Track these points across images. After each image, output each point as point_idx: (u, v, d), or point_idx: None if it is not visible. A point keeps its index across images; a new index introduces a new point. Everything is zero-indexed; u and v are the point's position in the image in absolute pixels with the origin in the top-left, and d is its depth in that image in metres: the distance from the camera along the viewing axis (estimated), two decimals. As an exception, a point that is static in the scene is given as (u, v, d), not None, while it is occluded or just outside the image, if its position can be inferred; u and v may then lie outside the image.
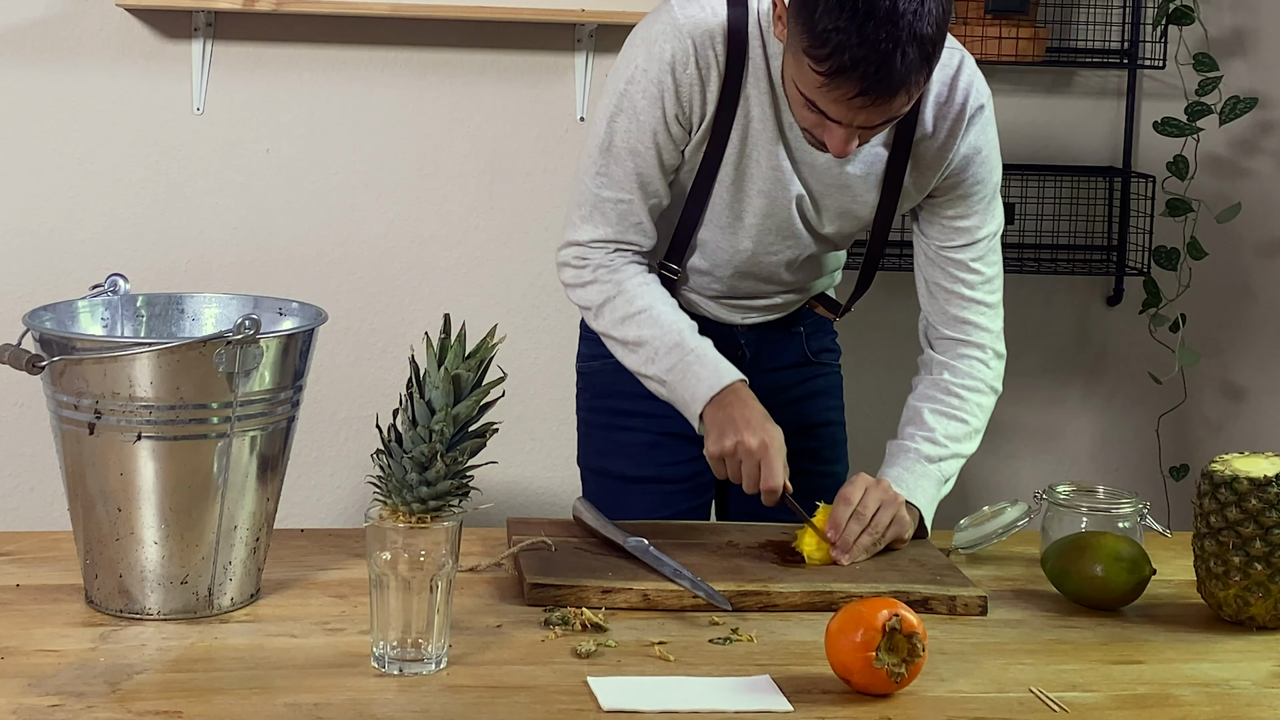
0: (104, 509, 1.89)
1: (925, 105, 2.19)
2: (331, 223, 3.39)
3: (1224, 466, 2.00)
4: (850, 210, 2.26)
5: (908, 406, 2.30)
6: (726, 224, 2.27)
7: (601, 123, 2.21)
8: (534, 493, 3.47)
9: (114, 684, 1.71)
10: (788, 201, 2.24)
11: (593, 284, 2.25)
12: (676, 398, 2.21)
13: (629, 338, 2.23)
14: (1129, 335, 3.65)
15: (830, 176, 2.22)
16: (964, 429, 2.27)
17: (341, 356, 3.39)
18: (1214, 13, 3.55)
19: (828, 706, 1.72)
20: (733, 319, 2.40)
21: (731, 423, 2.14)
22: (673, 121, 2.18)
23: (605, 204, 2.23)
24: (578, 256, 2.26)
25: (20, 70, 3.27)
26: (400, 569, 1.75)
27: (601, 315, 2.25)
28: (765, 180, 2.22)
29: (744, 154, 2.21)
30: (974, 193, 2.26)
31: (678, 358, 2.20)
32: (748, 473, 2.13)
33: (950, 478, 2.26)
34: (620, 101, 2.19)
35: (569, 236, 2.27)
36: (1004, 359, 2.33)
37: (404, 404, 1.78)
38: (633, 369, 2.26)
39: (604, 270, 2.25)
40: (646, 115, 2.18)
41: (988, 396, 2.30)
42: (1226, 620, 2.00)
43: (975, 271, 2.29)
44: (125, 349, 1.85)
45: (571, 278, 2.28)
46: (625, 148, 2.20)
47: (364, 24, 3.34)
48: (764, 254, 2.29)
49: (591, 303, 2.26)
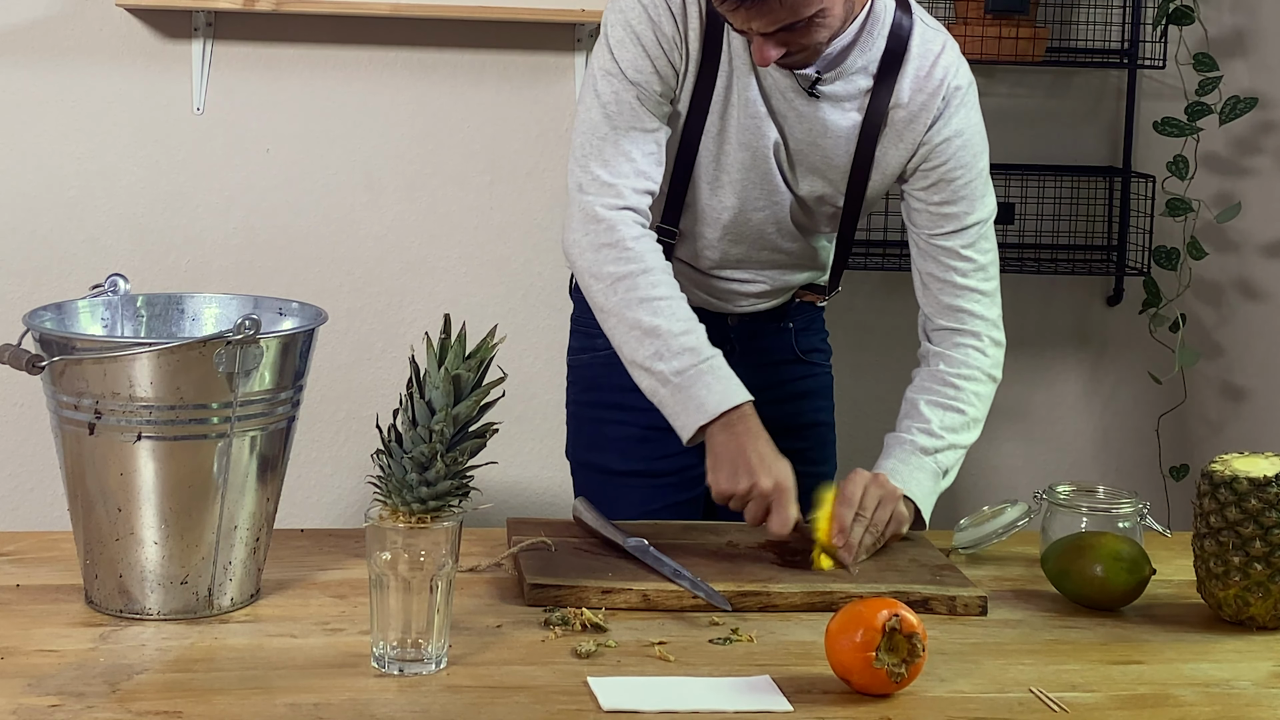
0: (104, 509, 1.89)
1: (904, 77, 2.23)
2: (331, 223, 3.40)
3: (1224, 466, 2.00)
4: (821, 170, 2.27)
5: (905, 399, 2.30)
6: (712, 177, 2.27)
7: (604, 56, 2.22)
8: (534, 493, 3.47)
9: (114, 684, 1.71)
10: (765, 151, 2.25)
11: (610, 249, 2.16)
12: (676, 402, 2.14)
13: (643, 322, 2.15)
14: (1129, 335, 3.65)
15: (802, 130, 2.24)
16: (961, 419, 2.26)
17: (341, 356, 3.39)
18: (1214, 13, 3.55)
19: (828, 706, 1.72)
20: (724, 307, 2.40)
21: (744, 460, 2.09)
22: (668, 42, 2.19)
23: (621, 135, 2.20)
24: (601, 205, 2.17)
25: (20, 70, 3.27)
26: (400, 569, 1.75)
27: (615, 290, 2.16)
28: (744, 130, 2.24)
29: (727, 102, 2.23)
30: (958, 176, 2.27)
31: (691, 361, 2.14)
32: (755, 512, 2.10)
33: (949, 469, 2.25)
34: (615, 30, 2.21)
35: (585, 183, 2.20)
36: (1003, 347, 2.32)
37: (404, 404, 1.78)
38: (633, 359, 2.16)
39: (628, 237, 2.17)
40: (643, 32, 2.19)
41: (985, 385, 2.29)
42: (1226, 620, 2.00)
43: (966, 259, 2.29)
44: (125, 349, 1.85)
45: (587, 235, 2.17)
46: (630, 67, 2.20)
47: (364, 24, 3.34)
48: (750, 210, 2.29)
49: (606, 273, 2.16)
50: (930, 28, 2.26)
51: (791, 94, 2.23)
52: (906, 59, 2.23)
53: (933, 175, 2.27)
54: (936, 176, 2.27)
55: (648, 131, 2.21)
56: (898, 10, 2.24)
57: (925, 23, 2.26)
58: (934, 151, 2.25)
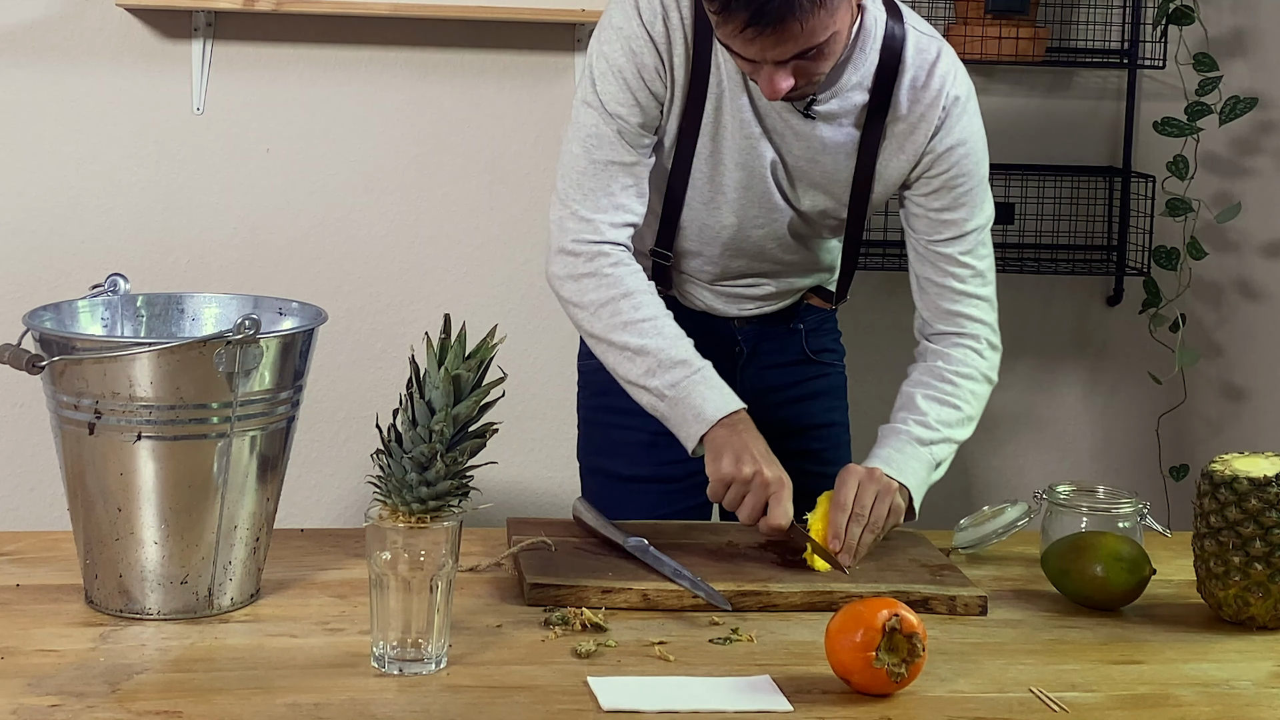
0: (104, 509, 1.89)
1: (900, 88, 2.21)
2: (331, 223, 3.40)
3: (1224, 466, 2.00)
4: (823, 185, 2.27)
5: (901, 393, 2.30)
6: (708, 198, 2.27)
7: (586, 88, 2.22)
8: (534, 493, 3.47)
9: (114, 684, 1.71)
10: (763, 170, 2.24)
11: (590, 278, 2.20)
12: (675, 414, 2.16)
13: (630, 345, 2.18)
14: (1129, 335, 3.65)
15: (800, 147, 2.23)
16: (957, 415, 2.26)
17: (341, 356, 3.39)
18: (1214, 13, 3.55)
19: (828, 706, 1.72)
20: (729, 311, 2.40)
21: (746, 451, 2.10)
22: (650, 72, 2.18)
23: (599, 169, 2.20)
24: (576, 241, 2.20)
25: (20, 70, 3.27)
26: (400, 569, 1.75)
27: (599, 316, 2.19)
28: (740, 151, 2.23)
29: (719, 124, 2.22)
30: (959, 184, 2.26)
31: (683, 374, 2.15)
32: (753, 504, 2.09)
33: (942, 463, 2.25)
34: (598, 62, 2.20)
35: (564, 218, 2.21)
36: (1000, 351, 2.32)
37: (404, 404, 1.78)
38: (627, 379, 2.19)
39: (606, 265, 2.20)
40: (624, 66, 2.18)
41: (982, 385, 2.30)
42: (1226, 620, 2.00)
43: (965, 265, 2.29)
44: (125, 349, 1.85)
45: (565, 268, 2.21)
46: (611, 100, 2.19)
47: (364, 24, 3.34)
48: (749, 227, 2.29)
49: (588, 301, 2.20)
50: (924, 35, 2.24)
51: (787, 113, 2.21)
52: (901, 70, 2.21)
53: (935, 183, 2.26)
54: (939, 184, 2.26)
55: (626, 166, 2.21)
56: (889, 20, 2.22)
57: (919, 30, 2.24)
58: (937, 161, 2.25)
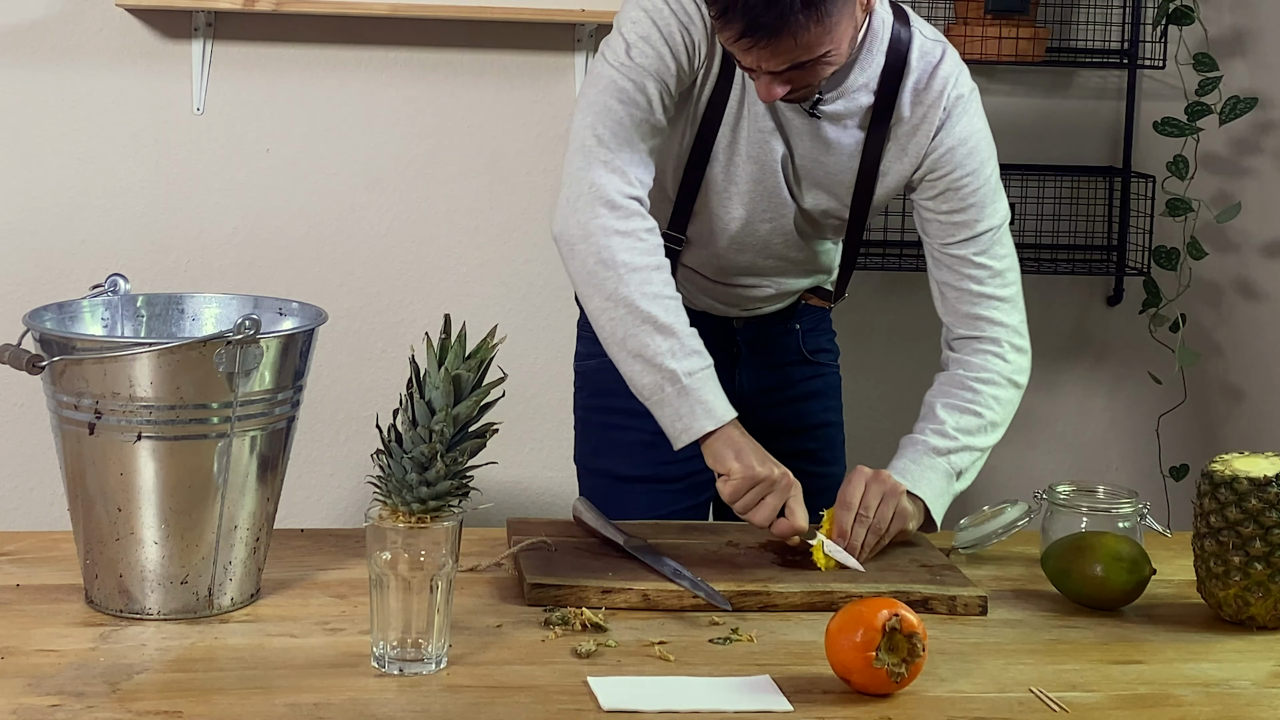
0: (104, 509, 1.89)
1: (904, 90, 2.22)
2: (331, 223, 3.40)
3: (1224, 466, 2.00)
4: (826, 185, 2.27)
5: (923, 403, 2.29)
6: (722, 188, 2.27)
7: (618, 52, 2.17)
8: (534, 493, 3.47)
9: (114, 684, 1.71)
10: (774, 165, 2.24)
11: (625, 237, 2.11)
12: (683, 403, 2.10)
13: (659, 319, 2.10)
14: (1129, 335, 3.65)
15: (806, 146, 2.24)
16: (977, 422, 2.25)
17: (341, 356, 3.39)
18: (1214, 13, 3.55)
19: (828, 706, 1.72)
20: (728, 311, 2.40)
21: (762, 452, 2.10)
22: (681, 51, 2.16)
23: (635, 125, 2.15)
24: (618, 193, 2.12)
25: (20, 70, 3.27)
26: (400, 569, 1.75)
27: (628, 281, 2.10)
28: (755, 144, 2.23)
29: (739, 115, 2.22)
30: (965, 184, 2.26)
31: (701, 364, 2.12)
32: (774, 505, 2.08)
33: (964, 470, 2.24)
34: (635, 27, 2.16)
35: (594, 165, 2.14)
36: (1026, 354, 2.30)
37: (404, 404, 1.78)
38: (640, 353, 2.10)
39: (643, 228, 2.13)
40: (669, 31, 2.16)
41: (1005, 389, 2.27)
42: (1226, 620, 2.00)
43: (981, 266, 2.28)
44: (125, 349, 1.85)
45: (597, 220, 2.11)
46: (650, 60, 2.16)
47: (364, 24, 3.34)
48: (757, 221, 2.29)
49: (620, 261, 2.10)
50: (929, 38, 2.25)
51: (794, 111, 2.22)
52: (906, 72, 2.22)
53: (940, 184, 2.26)
54: (944, 185, 2.26)
55: (656, 129, 2.18)
56: (895, 23, 2.22)
57: (923, 34, 2.25)
58: (939, 161, 2.25)
